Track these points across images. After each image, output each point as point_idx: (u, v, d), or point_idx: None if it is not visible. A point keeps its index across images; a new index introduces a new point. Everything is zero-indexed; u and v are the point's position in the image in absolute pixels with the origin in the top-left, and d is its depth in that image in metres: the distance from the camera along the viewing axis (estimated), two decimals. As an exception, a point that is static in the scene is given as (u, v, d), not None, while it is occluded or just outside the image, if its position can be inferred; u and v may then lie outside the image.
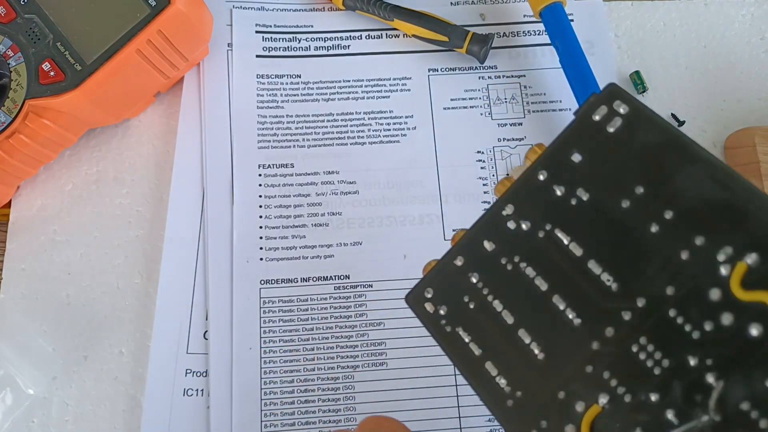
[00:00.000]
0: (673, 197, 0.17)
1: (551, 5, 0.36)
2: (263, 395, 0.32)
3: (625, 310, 0.17)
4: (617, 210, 0.17)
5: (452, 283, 0.21)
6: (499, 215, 0.19)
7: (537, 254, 0.19)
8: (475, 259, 0.20)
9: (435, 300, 0.21)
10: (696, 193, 0.16)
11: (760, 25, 0.40)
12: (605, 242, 0.17)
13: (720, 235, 0.16)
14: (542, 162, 0.19)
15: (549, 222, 0.18)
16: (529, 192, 0.19)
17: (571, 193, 0.18)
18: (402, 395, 0.32)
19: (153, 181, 0.36)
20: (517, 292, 0.19)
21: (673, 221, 0.16)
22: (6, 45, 0.31)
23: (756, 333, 0.15)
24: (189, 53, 0.34)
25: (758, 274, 0.15)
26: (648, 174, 0.17)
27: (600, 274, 0.17)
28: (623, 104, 0.18)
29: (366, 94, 0.38)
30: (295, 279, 0.34)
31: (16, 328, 0.33)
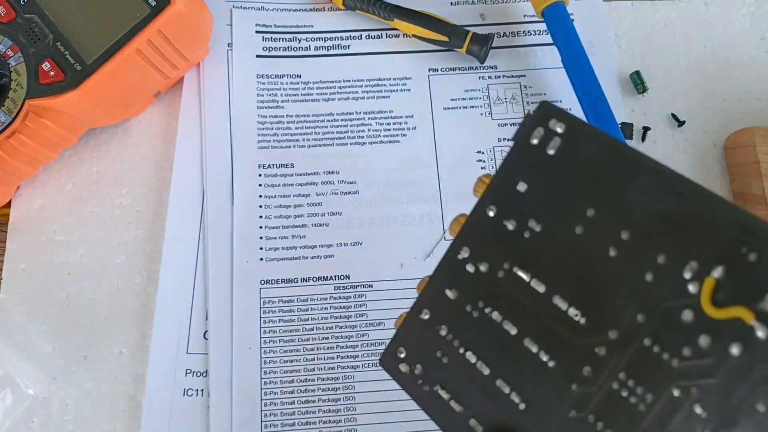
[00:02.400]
0: (626, 215, 0.15)
1: (553, 5, 0.36)
2: (263, 395, 0.32)
3: (599, 345, 0.16)
4: (572, 237, 0.16)
5: (422, 339, 0.20)
6: (456, 260, 0.18)
7: (500, 296, 0.17)
8: (441, 311, 0.19)
9: (409, 359, 0.20)
10: (649, 208, 0.15)
11: (760, 25, 0.40)
12: (566, 274, 0.16)
13: (682, 250, 0.14)
14: (489, 196, 0.18)
15: (506, 260, 0.17)
16: (481, 231, 0.18)
17: (523, 225, 0.17)
18: (402, 395, 0.32)
19: (153, 181, 0.36)
20: (488, 339, 0.18)
21: (631, 241, 0.15)
22: (6, 45, 0.31)
23: (737, 352, 0.13)
24: (189, 53, 0.34)
25: (729, 288, 0.14)
26: (596, 194, 0.16)
27: (567, 310, 0.16)
28: (559, 122, 0.16)
29: (366, 94, 0.38)
30: (295, 279, 0.34)
31: (16, 328, 0.33)
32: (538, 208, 0.17)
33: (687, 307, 0.14)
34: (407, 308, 0.34)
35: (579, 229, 0.16)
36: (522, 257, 0.17)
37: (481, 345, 0.18)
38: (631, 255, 0.15)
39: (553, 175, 0.16)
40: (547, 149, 0.16)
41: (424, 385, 0.20)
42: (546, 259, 0.17)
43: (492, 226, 0.17)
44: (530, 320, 0.17)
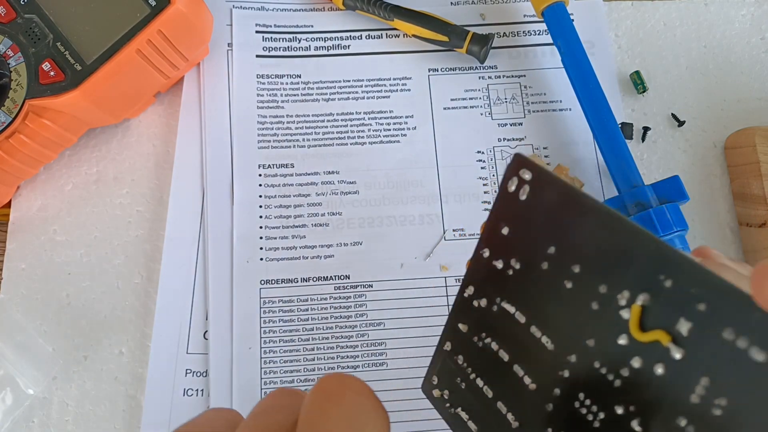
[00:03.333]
0: (577, 252, 0.17)
1: (553, 5, 0.36)
2: (263, 395, 0.32)
3: (563, 368, 0.18)
4: (541, 273, 0.18)
5: (447, 368, 0.22)
6: (464, 297, 0.21)
7: (496, 327, 0.20)
8: (458, 342, 0.22)
9: (440, 385, 0.23)
10: (592, 243, 0.17)
11: (760, 25, 0.40)
12: (539, 305, 0.18)
13: (617, 281, 0.16)
14: (483, 240, 0.20)
15: (498, 295, 0.20)
16: (479, 270, 0.20)
17: (507, 264, 0.19)
18: (402, 395, 0.32)
19: (153, 181, 0.36)
20: (490, 366, 0.20)
21: (581, 275, 0.17)
22: (6, 45, 0.31)
23: (661, 372, 0.15)
24: (189, 53, 0.34)
25: (652, 314, 0.15)
26: (555, 234, 0.18)
27: (540, 338, 0.18)
28: (527, 171, 0.18)
29: (366, 94, 0.38)
30: (295, 279, 0.34)
31: (16, 328, 0.33)
32: (517, 248, 0.19)
33: (622, 332, 0.16)
34: (407, 308, 0.34)
35: (545, 265, 0.18)
36: (508, 292, 0.19)
37: (485, 371, 0.21)
38: (581, 286, 0.17)
39: (525, 218, 0.19)
40: (519, 195, 0.18)
41: (450, 408, 0.22)
42: (525, 294, 0.19)
43: (486, 266, 0.20)
44: (518, 347, 0.19)
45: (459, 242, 0.35)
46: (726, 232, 0.36)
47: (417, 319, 0.34)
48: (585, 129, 0.36)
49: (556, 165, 0.37)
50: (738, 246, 0.36)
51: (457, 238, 0.35)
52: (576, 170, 0.37)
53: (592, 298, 0.17)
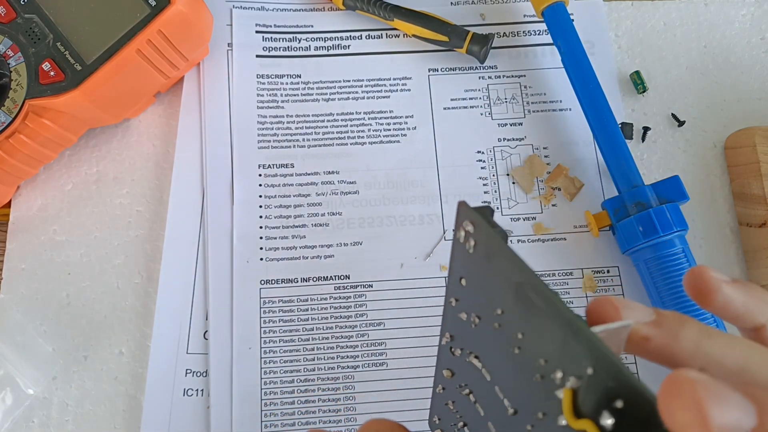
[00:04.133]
0: (518, 318, 0.16)
1: (553, 5, 0.36)
2: (263, 395, 0.32)
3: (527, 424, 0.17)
4: (495, 333, 0.17)
5: (442, 409, 0.22)
6: (443, 345, 0.20)
7: (471, 381, 0.19)
8: (446, 387, 0.21)
9: (441, 425, 0.23)
10: (527, 315, 0.15)
11: (760, 25, 0.40)
12: (499, 366, 0.17)
13: (552, 357, 0.15)
14: (447, 288, 0.19)
15: (467, 347, 0.19)
16: (451, 319, 0.19)
17: (470, 316, 0.18)
18: (402, 395, 0.32)
19: (153, 181, 0.36)
20: (472, 418, 0.20)
21: (523, 342, 0.16)
22: (6, 45, 0.31)
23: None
24: (189, 53, 0.34)
25: (583, 399, 0.14)
26: (498, 293, 0.16)
27: (503, 400, 0.18)
28: (469, 223, 0.17)
29: (366, 94, 0.38)
30: (295, 279, 0.34)
31: (16, 328, 0.33)
32: (474, 303, 0.18)
33: (560, 414, 0.15)
34: (407, 308, 0.34)
35: (496, 325, 0.17)
36: (474, 347, 0.18)
37: (470, 421, 0.20)
38: (525, 354, 0.16)
39: (476, 273, 0.17)
40: (467, 248, 0.17)
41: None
42: (487, 351, 0.18)
43: (455, 315, 0.19)
44: (488, 405, 0.19)
45: (459, 242, 0.35)
46: (726, 232, 0.36)
47: (417, 319, 0.34)
48: (585, 129, 0.36)
49: (556, 165, 0.37)
50: (738, 246, 0.36)
51: (457, 238, 0.35)
52: (576, 170, 0.37)
53: (535, 370, 0.16)
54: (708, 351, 0.17)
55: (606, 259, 0.35)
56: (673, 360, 0.17)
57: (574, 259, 0.35)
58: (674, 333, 0.17)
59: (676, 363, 0.17)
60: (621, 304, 0.17)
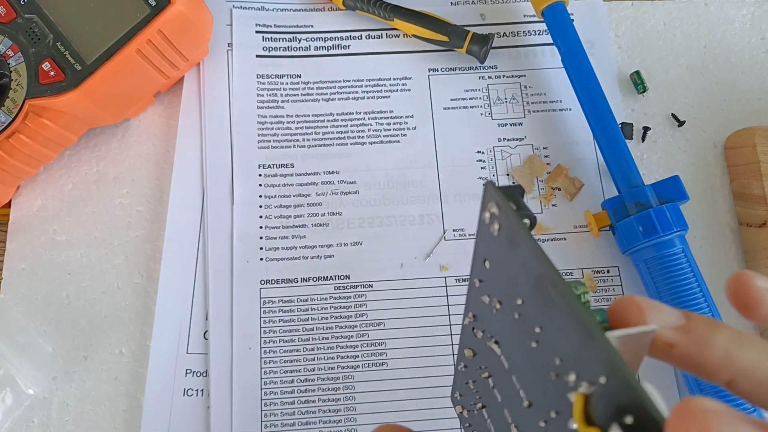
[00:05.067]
0: (537, 311, 0.15)
1: (553, 5, 0.36)
2: (263, 395, 0.32)
3: (540, 420, 0.16)
4: (514, 322, 0.16)
5: (463, 387, 0.22)
6: (465, 325, 0.20)
7: (490, 364, 0.19)
8: (467, 367, 0.21)
9: (462, 402, 0.23)
10: (545, 309, 0.15)
11: (760, 25, 0.40)
12: (517, 355, 0.17)
13: (567, 358, 0.14)
14: (472, 269, 0.18)
15: (488, 330, 0.18)
16: (474, 300, 0.19)
17: (492, 301, 0.17)
18: (402, 395, 0.32)
19: (153, 181, 0.36)
20: (490, 401, 0.20)
21: (541, 336, 0.15)
22: (6, 45, 0.31)
23: None
24: (189, 53, 0.34)
25: (595, 406, 0.14)
26: (520, 282, 0.16)
27: (519, 390, 0.17)
28: (494, 205, 0.16)
29: (366, 94, 0.38)
30: (295, 279, 0.34)
31: (16, 328, 0.33)
32: (497, 288, 0.17)
33: (571, 417, 0.14)
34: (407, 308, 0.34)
35: (516, 315, 0.16)
36: (494, 332, 0.18)
37: (488, 404, 0.20)
38: (543, 350, 0.15)
39: (499, 257, 0.16)
40: (491, 230, 0.16)
41: (470, 429, 0.23)
42: (507, 338, 0.17)
43: (478, 298, 0.18)
44: (505, 392, 0.18)
45: (459, 242, 0.35)
46: (726, 232, 0.36)
47: (417, 319, 0.34)
48: (585, 129, 0.36)
49: (557, 165, 0.37)
50: (738, 246, 0.36)
51: (457, 238, 0.35)
52: (576, 170, 0.37)
53: (550, 367, 0.15)
54: (739, 360, 0.16)
55: (606, 259, 0.35)
56: (699, 368, 0.16)
57: (574, 259, 0.35)
58: (704, 340, 0.16)
59: (703, 372, 0.16)
60: (647, 305, 0.16)
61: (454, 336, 0.33)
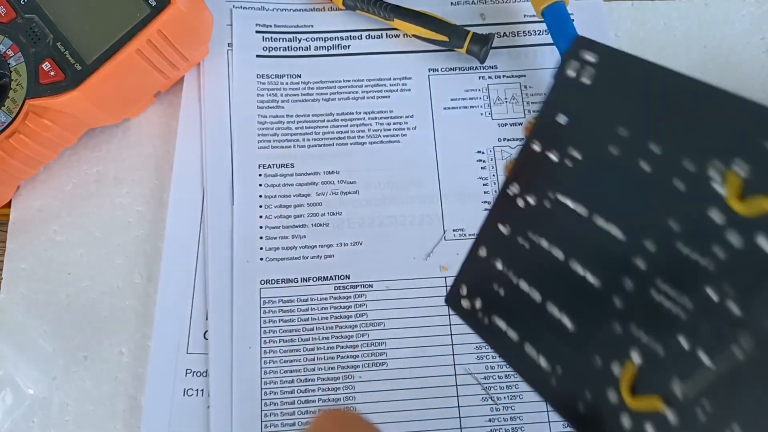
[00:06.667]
0: (657, 128, 0.16)
1: (553, 5, 0.36)
2: (263, 395, 0.32)
3: (636, 257, 0.16)
4: (609, 159, 0.17)
5: (481, 275, 0.20)
6: (507, 197, 0.19)
7: (548, 224, 0.18)
8: (496, 246, 0.20)
9: (470, 295, 0.21)
10: (676, 117, 0.16)
11: (760, 25, 0.40)
12: (606, 194, 0.17)
13: (705, 152, 0.15)
14: (534, 132, 0.19)
15: (551, 189, 0.18)
16: (528, 166, 0.19)
17: (564, 155, 0.18)
18: (402, 395, 0.32)
19: (153, 181, 0.36)
20: (539, 267, 0.19)
21: (661, 153, 0.16)
22: (6, 45, 0.31)
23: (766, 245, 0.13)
24: (189, 53, 0.34)
25: (751, 180, 0.14)
26: (629, 114, 0.16)
27: (608, 229, 0.17)
28: (591, 53, 0.17)
29: (366, 94, 0.38)
30: (295, 279, 0.34)
31: (16, 328, 0.33)
32: (578, 137, 0.17)
33: (716, 206, 0.14)
34: (407, 308, 0.34)
35: (614, 150, 0.16)
36: (565, 185, 0.18)
37: (532, 273, 0.19)
38: (662, 166, 0.16)
39: (590, 103, 0.17)
40: (581, 79, 0.17)
41: (484, 318, 0.20)
42: (587, 183, 0.17)
43: (537, 160, 0.18)
44: (576, 242, 0.18)
45: (459, 242, 0.35)
46: (726, 232, 0.36)
47: (417, 319, 0.34)
48: (585, 129, 0.36)
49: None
50: (738, 246, 0.36)
51: (458, 238, 0.35)
52: (576, 170, 0.37)
53: (676, 176, 0.15)
54: None
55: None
56: None
57: (574, 259, 0.35)
58: None
59: None
60: None
61: (454, 336, 0.33)
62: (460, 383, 0.33)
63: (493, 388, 0.33)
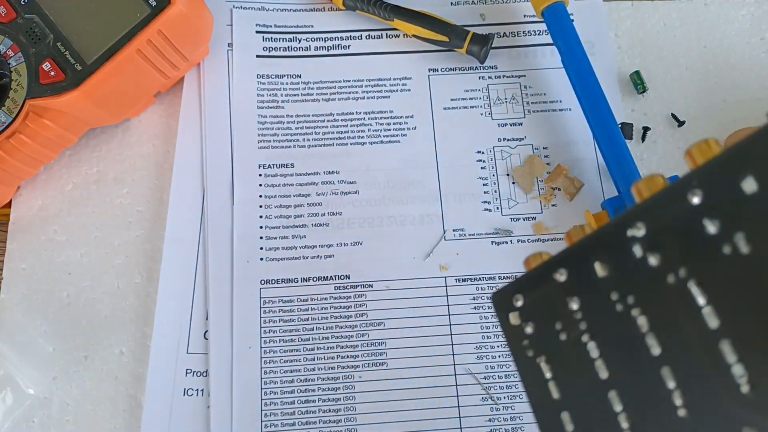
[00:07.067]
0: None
1: (553, 5, 0.36)
2: (263, 395, 0.32)
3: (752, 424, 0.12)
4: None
5: (547, 300, 0.16)
6: (624, 233, 0.14)
7: (659, 304, 0.14)
8: (581, 281, 0.15)
9: (524, 312, 0.17)
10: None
11: (760, 25, 0.40)
12: (751, 320, 0.12)
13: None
14: (698, 176, 0.13)
15: (686, 266, 0.13)
16: (672, 213, 0.14)
17: (728, 236, 0.13)
18: (402, 395, 0.32)
19: (153, 181, 0.36)
20: (621, 342, 0.14)
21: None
22: (6, 45, 0.31)
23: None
24: (189, 53, 0.34)
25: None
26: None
27: (733, 365, 0.12)
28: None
29: (366, 94, 0.38)
30: (295, 279, 0.34)
31: (16, 328, 0.33)
32: (761, 224, 0.12)
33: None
34: (407, 308, 0.34)
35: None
36: (708, 273, 0.13)
37: (609, 343, 0.15)
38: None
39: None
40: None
41: (529, 350, 0.16)
42: (738, 291, 0.12)
43: (687, 216, 0.13)
44: (682, 351, 0.13)
45: (459, 242, 0.35)
46: (726, 232, 0.36)
47: (417, 319, 0.34)
48: (585, 129, 0.36)
49: (556, 165, 0.37)
50: (738, 246, 0.36)
51: (457, 238, 0.35)
52: (576, 170, 0.37)
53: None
54: None
55: (606, 259, 0.35)
56: None
57: (574, 259, 0.35)
58: None
59: None
60: None
61: (454, 336, 0.33)
62: (460, 383, 0.33)
63: (493, 388, 0.33)
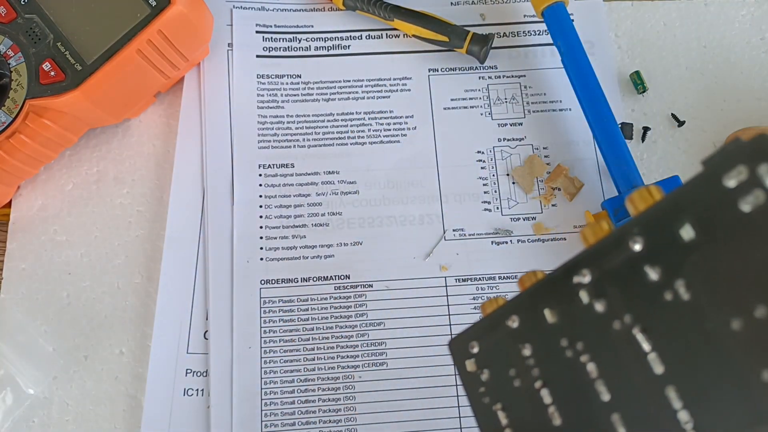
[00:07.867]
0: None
1: (553, 5, 0.36)
2: (263, 395, 0.32)
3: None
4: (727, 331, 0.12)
5: (501, 346, 0.16)
6: (571, 279, 0.15)
7: (607, 350, 0.14)
8: (532, 327, 0.16)
9: (479, 359, 0.17)
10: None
11: (760, 25, 0.40)
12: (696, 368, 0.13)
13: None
14: (638, 223, 0.13)
15: (632, 312, 0.14)
16: (615, 260, 0.14)
17: (668, 283, 0.13)
18: (402, 395, 0.32)
19: (153, 181, 0.36)
20: (572, 389, 0.15)
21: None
22: (6, 45, 0.31)
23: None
24: (189, 53, 0.34)
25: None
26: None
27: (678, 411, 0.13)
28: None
29: (366, 94, 0.38)
30: (295, 279, 0.34)
31: (16, 328, 0.33)
32: (700, 271, 0.12)
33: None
34: (407, 308, 0.34)
35: (737, 324, 0.12)
36: (651, 320, 0.13)
37: (561, 389, 0.15)
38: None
39: (740, 238, 0.12)
40: (740, 201, 0.12)
41: (485, 396, 0.17)
42: (680, 338, 0.13)
43: (630, 263, 0.14)
44: (630, 397, 0.13)
45: (459, 242, 0.35)
46: (726, 232, 0.36)
47: (417, 319, 0.34)
48: (585, 129, 0.36)
49: (556, 165, 0.37)
50: (738, 246, 0.36)
51: (457, 238, 0.35)
52: (576, 170, 0.37)
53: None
54: None
55: (606, 259, 0.35)
56: None
57: (574, 259, 0.35)
58: None
59: None
60: None
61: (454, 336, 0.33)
62: (460, 383, 0.33)
63: (493, 388, 0.33)
